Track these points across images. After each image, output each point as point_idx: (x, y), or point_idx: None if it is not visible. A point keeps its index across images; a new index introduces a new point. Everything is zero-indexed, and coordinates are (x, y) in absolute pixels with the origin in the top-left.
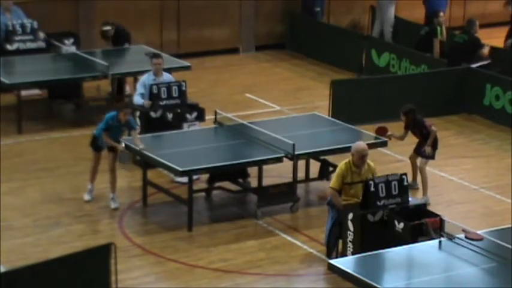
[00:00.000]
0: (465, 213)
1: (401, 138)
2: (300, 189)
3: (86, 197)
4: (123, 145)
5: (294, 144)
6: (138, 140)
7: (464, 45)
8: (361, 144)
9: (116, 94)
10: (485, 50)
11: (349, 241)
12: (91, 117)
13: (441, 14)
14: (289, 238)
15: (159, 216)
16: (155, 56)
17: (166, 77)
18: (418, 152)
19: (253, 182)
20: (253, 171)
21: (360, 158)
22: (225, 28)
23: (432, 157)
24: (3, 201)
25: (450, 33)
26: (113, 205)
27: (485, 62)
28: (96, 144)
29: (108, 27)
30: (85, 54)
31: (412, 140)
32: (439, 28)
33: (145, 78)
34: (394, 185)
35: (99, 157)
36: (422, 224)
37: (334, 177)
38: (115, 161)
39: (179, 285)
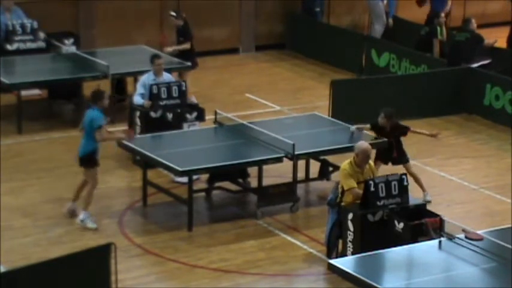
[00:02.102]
0: (465, 213)
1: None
2: (300, 189)
3: (91, 225)
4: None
5: (294, 144)
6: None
7: (467, 43)
8: (365, 143)
9: (116, 94)
10: (491, 41)
11: (349, 241)
12: None
13: (442, 14)
14: (289, 238)
15: (159, 216)
16: (156, 57)
17: (166, 77)
18: (383, 158)
19: (253, 182)
20: (253, 171)
21: (365, 158)
22: (225, 28)
23: (406, 160)
24: (3, 201)
25: (450, 34)
26: (90, 225)
27: (485, 62)
28: (93, 159)
29: (174, 14)
30: (85, 54)
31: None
32: (439, 28)
33: (145, 78)
34: (394, 185)
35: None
36: (422, 224)
37: (344, 180)
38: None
39: (179, 285)
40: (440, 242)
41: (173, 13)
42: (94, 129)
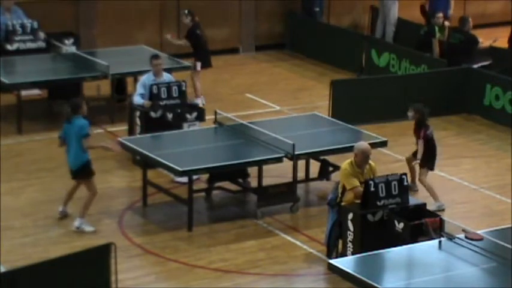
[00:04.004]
0: (465, 213)
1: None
2: (300, 189)
3: (89, 228)
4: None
5: (294, 144)
6: None
7: (461, 45)
8: (364, 144)
9: (116, 94)
10: (490, 41)
11: (349, 241)
12: (91, 117)
13: (440, 14)
14: (289, 238)
15: (159, 216)
16: (155, 57)
17: (166, 77)
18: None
19: (253, 182)
20: (253, 171)
21: (364, 158)
22: (225, 28)
23: (431, 168)
24: (3, 201)
25: (451, 34)
26: (87, 228)
27: (485, 63)
28: (89, 169)
29: (185, 12)
30: (85, 54)
31: (412, 140)
32: (437, 28)
33: (145, 79)
34: (394, 185)
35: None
36: (422, 224)
37: (346, 179)
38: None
39: (179, 285)
40: (440, 242)
41: (185, 11)
42: (82, 137)
